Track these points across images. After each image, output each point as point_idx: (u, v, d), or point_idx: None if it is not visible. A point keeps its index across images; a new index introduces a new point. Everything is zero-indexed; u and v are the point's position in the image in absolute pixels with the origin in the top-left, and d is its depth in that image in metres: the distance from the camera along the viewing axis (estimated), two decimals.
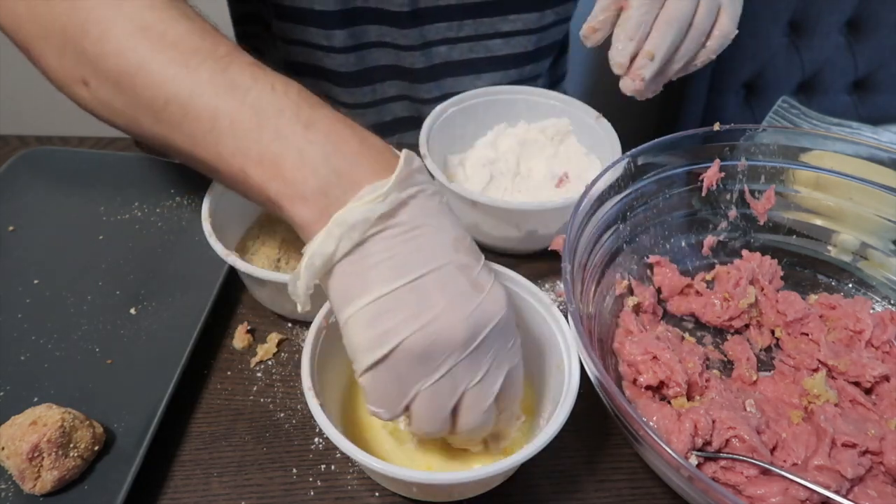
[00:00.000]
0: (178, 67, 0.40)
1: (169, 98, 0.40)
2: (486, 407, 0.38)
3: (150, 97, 0.41)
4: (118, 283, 0.57)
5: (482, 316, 0.36)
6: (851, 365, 0.50)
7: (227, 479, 0.47)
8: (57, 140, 0.74)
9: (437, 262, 0.36)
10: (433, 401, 0.37)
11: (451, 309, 0.36)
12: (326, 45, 0.76)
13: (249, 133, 0.38)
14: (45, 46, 0.45)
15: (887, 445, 0.45)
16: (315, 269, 0.36)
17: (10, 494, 0.44)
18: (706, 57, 0.55)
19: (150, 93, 0.41)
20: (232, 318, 0.57)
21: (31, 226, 0.62)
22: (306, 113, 0.39)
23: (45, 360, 0.51)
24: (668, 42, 0.51)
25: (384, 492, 0.46)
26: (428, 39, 0.76)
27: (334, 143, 0.38)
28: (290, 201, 0.38)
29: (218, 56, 0.41)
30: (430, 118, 0.63)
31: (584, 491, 0.47)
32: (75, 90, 0.45)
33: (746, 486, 0.44)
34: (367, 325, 0.36)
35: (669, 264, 0.57)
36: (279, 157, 0.38)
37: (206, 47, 0.41)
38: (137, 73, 0.41)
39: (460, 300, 0.36)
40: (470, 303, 0.36)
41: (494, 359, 0.38)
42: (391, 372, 0.36)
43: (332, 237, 0.35)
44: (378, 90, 0.82)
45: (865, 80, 1.13)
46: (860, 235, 0.58)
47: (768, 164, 0.58)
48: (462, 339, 0.36)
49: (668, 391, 0.48)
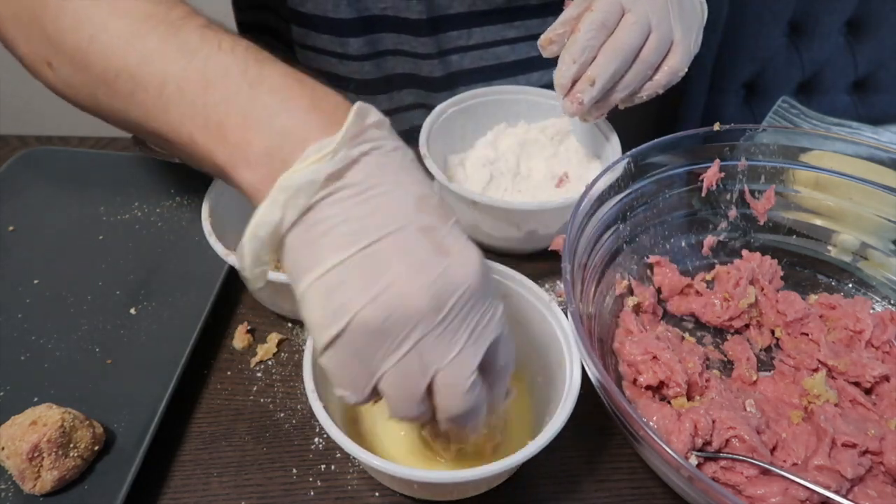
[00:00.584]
0: (128, 36, 0.38)
1: (119, 69, 0.38)
2: (465, 387, 0.34)
3: (102, 70, 0.39)
4: (118, 283, 0.57)
5: (447, 283, 0.32)
6: (851, 365, 0.50)
7: (227, 479, 0.47)
8: (57, 140, 0.74)
9: (395, 223, 0.33)
10: (402, 380, 0.33)
11: (409, 276, 0.32)
12: (341, 52, 0.75)
13: (196, 97, 0.36)
14: (16, 28, 0.43)
15: (887, 445, 0.45)
16: (261, 241, 0.33)
17: (10, 494, 0.44)
18: (653, 90, 0.56)
19: (102, 65, 0.39)
20: (232, 318, 0.57)
21: (31, 226, 0.62)
22: (254, 70, 0.36)
23: (45, 360, 0.51)
24: (611, 70, 0.53)
25: (385, 491, 0.46)
26: (443, 48, 0.76)
27: (282, 100, 0.35)
28: (234, 167, 0.35)
29: (170, 21, 0.38)
30: (430, 118, 0.64)
31: (584, 491, 0.47)
32: (42, 72, 0.43)
33: (746, 486, 0.44)
34: (322, 299, 0.32)
35: (669, 264, 0.57)
36: (223, 121, 0.35)
37: (159, 13, 0.38)
38: (90, 47, 0.39)
39: (421, 266, 0.32)
40: (432, 268, 0.32)
41: (471, 332, 0.33)
42: (349, 349, 0.33)
43: (277, 204, 0.32)
44: (395, 98, 0.81)
45: (865, 80, 1.13)
46: (860, 235, 0.58)
47: (768, 164, 0.58)
48: (424, 310, 0.32)
49: (668, 391, 0.48)
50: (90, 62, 0.40)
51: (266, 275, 0.36)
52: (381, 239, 0.32)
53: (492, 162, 0.65)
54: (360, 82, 0.78)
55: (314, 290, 0.33)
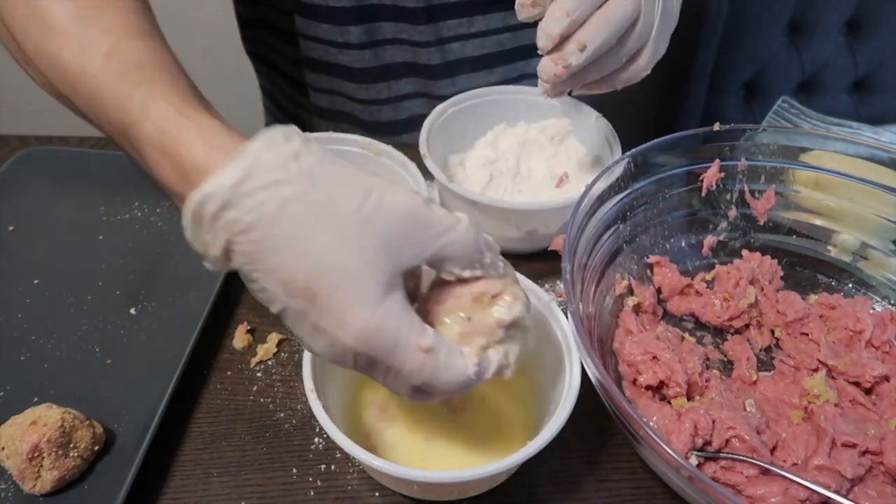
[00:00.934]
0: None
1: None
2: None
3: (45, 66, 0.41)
4: (118, 283, 0.57)
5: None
6: (851, 365, 0.50)
7: (227, 479, 0.47)
8: (57, 140, 0.74)
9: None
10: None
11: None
12: (341, 42, 0.76)
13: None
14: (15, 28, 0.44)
15: (887, 445, 0.45)
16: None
17: (10, 494, 0.44)
18: (611, 85, 0.54)
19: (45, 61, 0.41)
20: (232, 318, 0.57)
21: (31, 226, 0.62)
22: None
23: (45, 360, 0.51)
24: (601, 39, 0.48)
25: (384, 491, 0.46)
26: (442, 36, 0.76)
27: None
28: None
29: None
30: (430, 118, 0.64)
31: (584, 491, 0.47)
32: (28, 71, 0.44)
33: (746, 486, 0.44)
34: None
35: (669, 264, 0.57)
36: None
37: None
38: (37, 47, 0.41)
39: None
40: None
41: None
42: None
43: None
44: (394, 87, 0.82)
45: (865, 80, 1.13)
46: (860, 235, 0.58)
47: (768, 164, 0.58)
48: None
49: (668, 391, 0.48)
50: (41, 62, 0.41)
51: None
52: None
53: (492, 162, 0.65)
54: (359, 71, 0.79)
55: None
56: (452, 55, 0.78)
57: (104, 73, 0.39)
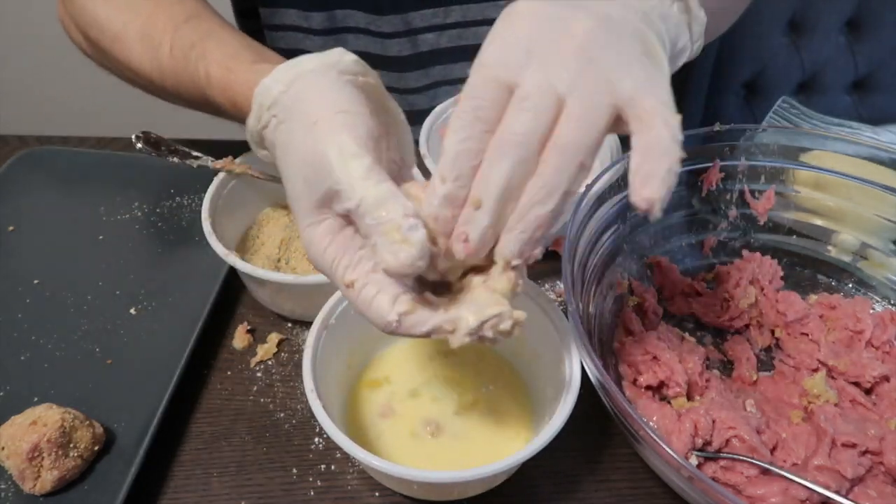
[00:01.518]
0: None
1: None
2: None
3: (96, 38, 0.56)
4: (118, 283, 0.58)
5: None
6: (851, 365, 0.50)
7: (227, 479, 0.47)
8: (57, 140, 0.74)
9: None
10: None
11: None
12: (306, 27, 0.75)
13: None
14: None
15: (887, 445, 0.45)
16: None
17: (10, 494, 0.44)
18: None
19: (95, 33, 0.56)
20: (232, 318, 0.57)
21: (31, 226, 0.62)
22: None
23: (45, 360, 0.51)
24: (502, 177, 0.33)
25: (384, 491, 0.46)
26: (413, 26, 0.74)
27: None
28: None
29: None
30: (430, 118, 0.64)
31: (584, 491, 0.47)
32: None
33: (746, 486, 0.44)
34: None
35: (669, 264, 0.57)
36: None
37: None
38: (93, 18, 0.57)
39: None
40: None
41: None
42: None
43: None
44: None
45: (865, 80, 1.13)
46: (860, 235, 0.58)
47: (768, 164, 0.58)
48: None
49: (668, 391, 0.48)
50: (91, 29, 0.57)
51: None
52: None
53: None
54: None
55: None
56: (425, 46, 0.76)
57: (174, 63, 0.52)
